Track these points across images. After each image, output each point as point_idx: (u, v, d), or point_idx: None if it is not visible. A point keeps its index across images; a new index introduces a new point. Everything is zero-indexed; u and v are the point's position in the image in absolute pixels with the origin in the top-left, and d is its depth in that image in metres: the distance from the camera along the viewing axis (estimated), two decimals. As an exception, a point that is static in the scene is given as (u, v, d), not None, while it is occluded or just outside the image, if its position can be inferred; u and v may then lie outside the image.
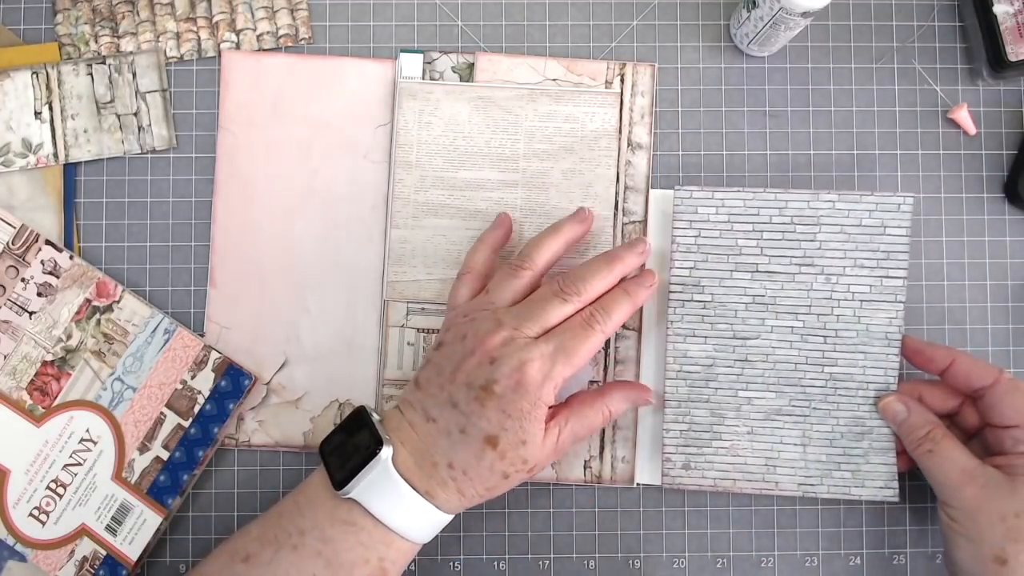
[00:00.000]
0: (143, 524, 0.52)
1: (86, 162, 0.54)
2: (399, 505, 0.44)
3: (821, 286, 0.52)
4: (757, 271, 0.52)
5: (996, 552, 0.44)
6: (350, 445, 0.45)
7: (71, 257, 0.53)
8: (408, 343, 0.54)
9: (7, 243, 0.53)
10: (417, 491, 0.45)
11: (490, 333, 0.45)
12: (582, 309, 0.47)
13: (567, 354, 0.45)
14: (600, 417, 0.48)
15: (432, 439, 0.45)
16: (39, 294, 0.53)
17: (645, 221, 0.54)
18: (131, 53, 0.55)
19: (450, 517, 0.46)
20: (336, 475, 0.45)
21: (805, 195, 0.52)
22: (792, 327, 0.52)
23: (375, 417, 0.46)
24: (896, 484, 0.51)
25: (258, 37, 0.55)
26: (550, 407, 0.46)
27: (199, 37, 0.55)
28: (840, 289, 0.51)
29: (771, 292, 0.52)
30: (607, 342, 0.54)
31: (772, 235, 0.52)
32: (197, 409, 0.52)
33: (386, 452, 0.44)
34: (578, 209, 0.52)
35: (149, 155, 0.55)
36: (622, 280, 0.49)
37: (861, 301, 0.51)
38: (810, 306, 0.52)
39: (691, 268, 0.52)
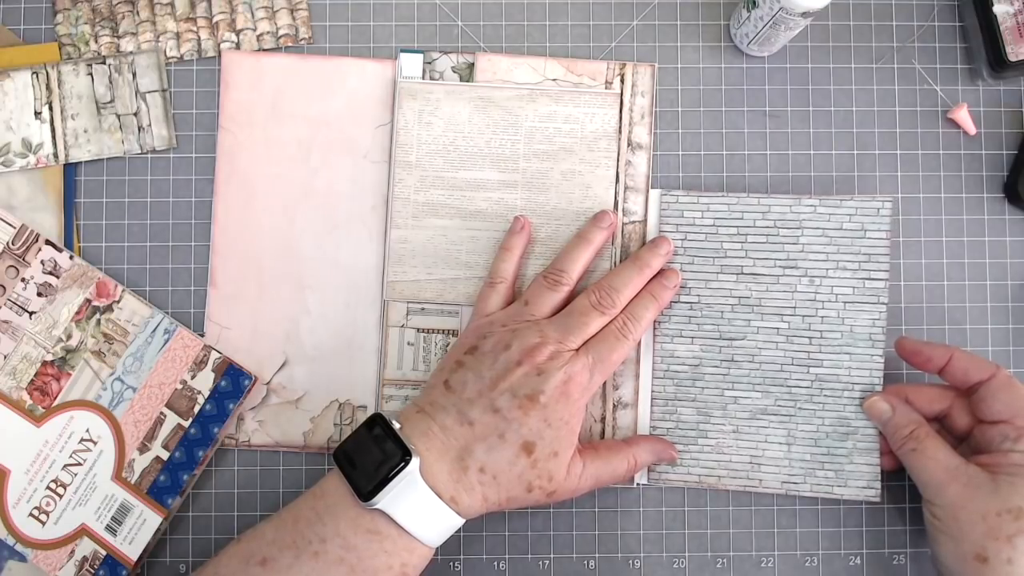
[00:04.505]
0: (143, 524, 0.52)
1: (86, 162, 0.54)
2: (425, 514, 0.45)
3: (805, 288, 0.52)
4: (742, 273, 0.53)
5: (977, 550, 0.45)
6: (373, 455, 0.45)
7: (71, 257, 0.53)
8: (408, 343, 0.54)
9: (7, 243, 0.53)
10: (442, 498, 0.45)
11: (538, 346, 0.47)
12: (615, 318, 0.50)
13: (603, 364, 0.48)
14: (625, 465, 0.50)
15: (467, 442, 0.46)
16: (39, 294, 0.53)
17: (645, 221, 0.54)
18: (131, 53, 0.55)
19: (464, 521, 0.47)
20: (362, 487, 0.44)
21: (787, 199, 0.53)
22: (777, 328, 0.52)
23: (395, 425, 0.46)
24: (878, 484, 0.51)
25: (258, 37, 0.55)
26: (577, 447, 0.48)
27: (199, 37, 0.55)
28: (824, 291, 0.52)
29: (756, 294, 0.53)
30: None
31: (756, 238, 0.53)
32: (197, 409, 0.52)
33: (414, 463, 0.45)
34: (601, 214, 0.53)
35: (149, 155, 0.55)
36: (647, 282, 0.52)
37: (845, 303, 0.52)
38: (795, 308, 0.52)
39: (678, 270, 0.53)
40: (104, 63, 0.54)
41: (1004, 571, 0.44)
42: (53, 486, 0.52)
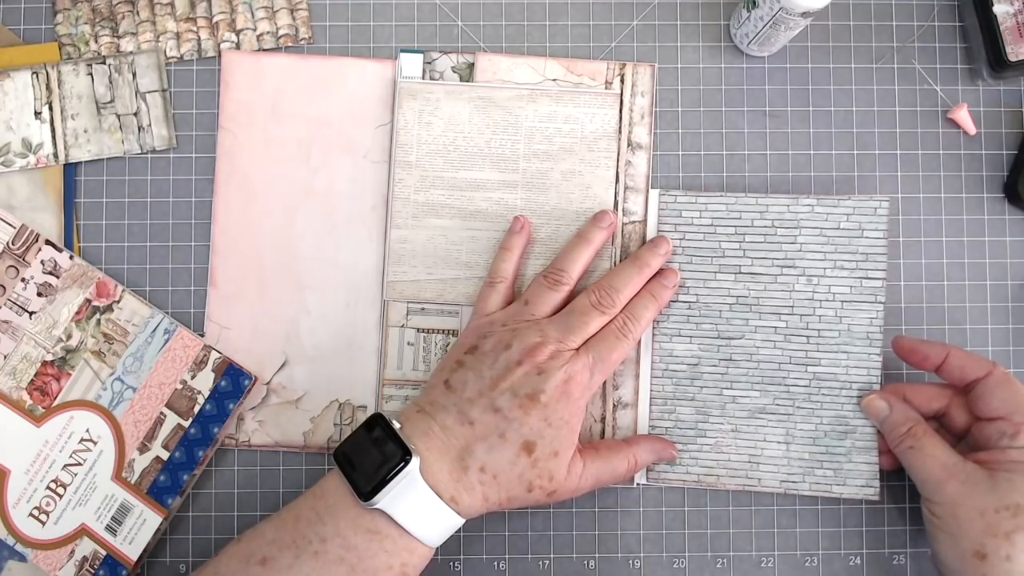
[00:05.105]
0: (143, 524, 0.52)
1: (86, 162, 0.54)
2: (425, 513, 0.45)
3: (803, 287, 0.52)
4: (740, 272, 0.53)
5: (976, 547, 0.45)
6: (373, 455, 0.45)
7: (71, 257, 0.53)
8: (408, 343, 0.54)
9: (7, 243, 0.53)
10: (442, 498, 0.45)
11: (538, 346, 0.47)
12: (615, 317, 0.50)
13: (603, 364, 0.48)
14: (625, 464, 0.50)
15: (467, 442, 0.46)
16: (39, 294, 0.53)
17: (645, 221, 0.54)
18: (131, 53, 0.55)
19: (464, 521, 0.47)
20: (362, 487, 0.44)
21: (785, 199, 0.53)
22: (775, 327, 0.52)
23: (396, 425, 0.46)
24: (877, 483, 0.52)
25: (258, 37, 0.55)
26: (577, 447, 0.48)
27: (199, 37, 0.55)
28: (821, 290, 0.52)
29: (754, 293, 0.53)
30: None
31: (754, 238, 0.53)
32: (197, 409, 0.52)
33: (415, 463, 0.45)
34: (601, 214, 0.53)
35: (149, 155, 0.55)
36: (647, 282, 0.52)
37: (842, 302, 0.52)
38: (792, 307, 0.52)
39: (677, 270, 0.53)
40: (104, 63, 0.54)
41: (1003, 568, 0.44)
42: (53, 486, 0.52)
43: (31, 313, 0.53)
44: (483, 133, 0.54)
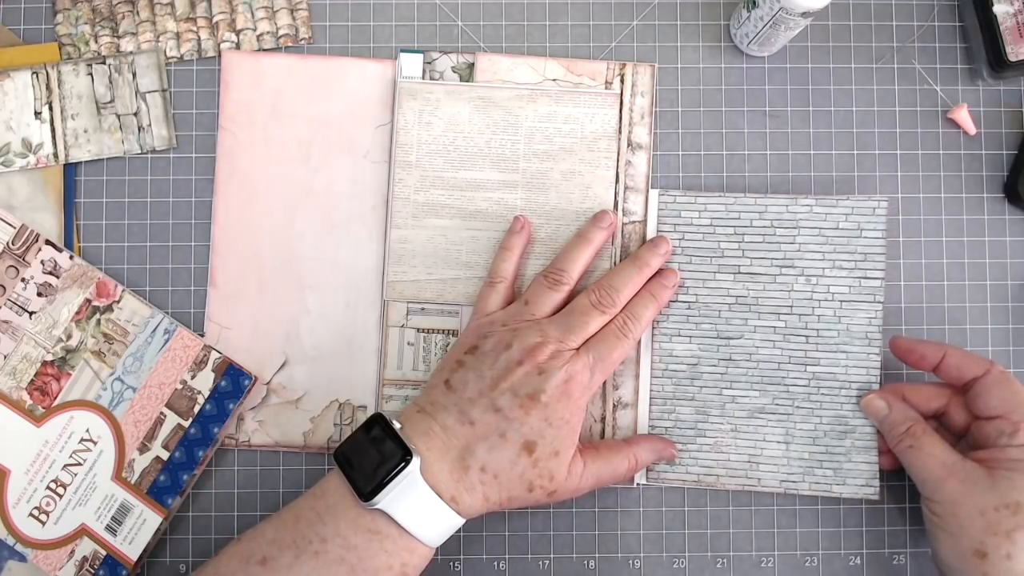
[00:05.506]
0: (143, 524, 0.52)
1: (86, 162, 0.54)
2: (425, 514, 0.45)
3: (802, 287, 0.52)
4: (739, 272, 0.53)
5: (976, 546, 0.45)
6: (373, 455, 0.45)
7: (71, 257, 0.53)
8: (408, 343, 0.54)
9: (7, 243, 0.53)
10: (442, 498, 0.45)
11: (539, 346, 0.47)
12: (615, 317, 0.50)
13: (604, 363, 0.48)
14: (626, 464, 0.51)
15: (468, 441, 0.46)
16: (39, 294, 0.53)
17: (645, 221, 0.54)
18: (131, 53, 0.55)
19: (464, 521, 0.47)
20: (363, 487, 0.44)
21: (784, 199, 0.53)
22: (775, 327, 0.53)
23: (396, 425, 0.46)
24: (877, 482, 0.52)
25: (258, 37, 0.55)
26: (578, 447, 0.48)
27: (199, 37, 0.55)
28: (820, 290, 0.52)
29: (753, 293, 0.53)
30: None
31: (753, 238, 0.53)
32: (197, 409, 0.52)
33: (415, 463, 0.45)
34: (601, 214, 0.53)
35: (149, 155, 0.55)
36: (647, 282, 0.52)
37: (841, 302, 0.52)
38: (791, 307, 0.52)
39: (676, 269, 0.53)
40: (104, 63, 0.54)
41: (1003, 566, 0.44)
42: (53, 486, 0.52)
43: (31, 313, 0.53)
44: (483, 133, 0.54)
